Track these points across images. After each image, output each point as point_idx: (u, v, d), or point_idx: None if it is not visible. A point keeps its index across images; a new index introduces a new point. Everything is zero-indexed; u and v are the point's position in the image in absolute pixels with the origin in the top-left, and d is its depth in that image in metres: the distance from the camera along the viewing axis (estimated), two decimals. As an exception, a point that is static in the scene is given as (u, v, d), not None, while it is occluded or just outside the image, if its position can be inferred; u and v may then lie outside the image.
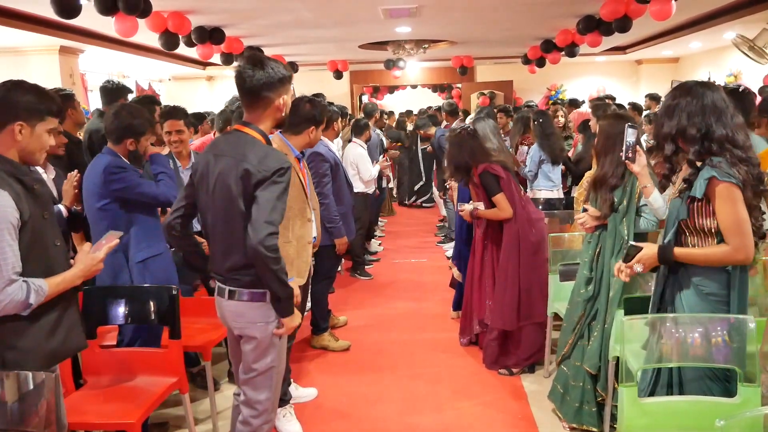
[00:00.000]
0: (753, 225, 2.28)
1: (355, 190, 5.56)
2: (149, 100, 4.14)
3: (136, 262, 3.15)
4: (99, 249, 2.30)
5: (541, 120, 5.69)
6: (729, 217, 2.25)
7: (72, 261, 2.26)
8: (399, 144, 10.48)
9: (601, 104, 5.77)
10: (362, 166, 6.06)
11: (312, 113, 3.37)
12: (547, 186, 5.67)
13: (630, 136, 2.70)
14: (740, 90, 3.80)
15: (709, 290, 2.38)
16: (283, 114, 2.46)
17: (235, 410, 2.68)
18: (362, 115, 7.47)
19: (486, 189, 3.98)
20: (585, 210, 3.27)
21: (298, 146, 3.37)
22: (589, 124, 5.41)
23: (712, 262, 2.33)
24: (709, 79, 9.32)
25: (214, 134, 5.42)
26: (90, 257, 2.25)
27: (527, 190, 5.58)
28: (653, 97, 9.20)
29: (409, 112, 14.51)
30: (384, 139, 8.80)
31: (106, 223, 3.03)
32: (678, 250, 2.37)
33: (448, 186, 4.90)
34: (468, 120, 6.55)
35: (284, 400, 3.42)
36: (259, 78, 2.32)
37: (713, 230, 2.33)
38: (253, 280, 2.37)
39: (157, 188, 3.17)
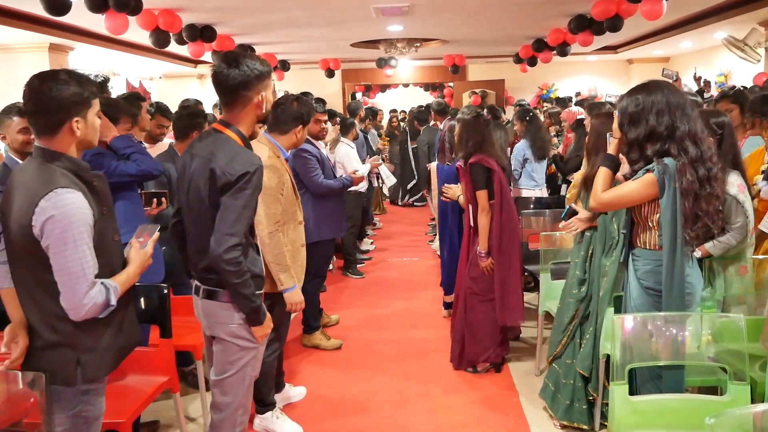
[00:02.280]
0: (687, 234, 2.41)
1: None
2: (135, 96, 4.17)
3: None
4: (146, 243, 2.27)
5: (529, 116, 5.72)
6: (623, 187, 2.51)
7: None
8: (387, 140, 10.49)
9: (596, 103, 5.80)
10: (349, 165, 6.05)
11: (299, 112, 3.32)
12: (530, 185, 5.69)
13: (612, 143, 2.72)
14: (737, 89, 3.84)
15: (647, 284, 2.54)
16: (264, 110, 2.40)
17: None
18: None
19: (473, 181, 3.94)
20: (570, 209, 3.27)
21: (285, 146, 3.33)
22: (584, 123, 5.42)
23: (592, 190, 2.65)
24: (695, 75, 9.37)
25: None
26: (142, 252, 2.22)
27: (510, 188, 5.59)
28: None
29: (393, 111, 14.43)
30: (375, 137, 8.78)
31: None
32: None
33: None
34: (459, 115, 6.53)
35: (271, 403, 3.40)
36: (235, 77, 2.26)
37: (656, 223, 2.48)
38: (218, 281, 2.35)
39: (136, 165, 3.20)
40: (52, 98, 1.96)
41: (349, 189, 4.79)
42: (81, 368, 2.05)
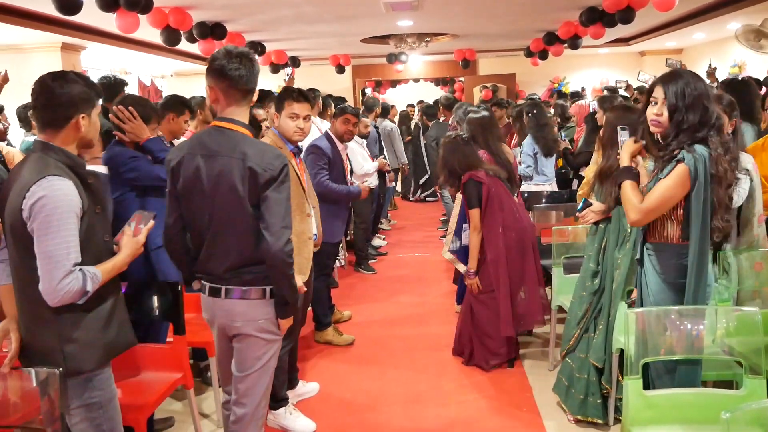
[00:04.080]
0: (718, 223, 2.36)
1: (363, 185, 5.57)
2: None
3: (153, 249, 3.13)
4: (138, 233, 2.32)
5: (534, 111, 5.67)
6: (660, 188, 2.38)
7: (116, 248, 2.26)
8: (409, 138, 10.48)
9: (608, 97, 5.75)
10: (354, 161, 6.05)
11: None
12: (540, 180, 5.64)
13: (623, 137, 2.69)
14: (740, 79, 3.79)
15: (670, 279, 2.48)
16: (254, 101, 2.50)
17: (227, 420, 2.65)
18: (363, 110, 7.47)
19: (467, 199, 3.97)
20: (586, 202, 3.25)
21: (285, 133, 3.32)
22: (596, 116, 5.38)
23: (625, 206, 2.52)
24: (710, 67, 9.28)
25: None
26: (133, 241, 2.28)
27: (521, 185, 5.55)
28: (642, 91, 9.13)
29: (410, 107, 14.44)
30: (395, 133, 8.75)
31: (120, 212, 3.02)
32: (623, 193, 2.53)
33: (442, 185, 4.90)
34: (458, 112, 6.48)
35: (284, 399, 3.41)
36: (244, 74, 2.31)
37: (679, 216, 2.42)
38: (254, 278, 2.36)
39: None
40: (62, 94, 2.07)
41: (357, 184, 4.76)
42: (64, 358, 2.08)
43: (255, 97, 2.48)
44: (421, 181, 10.80)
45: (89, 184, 2.13)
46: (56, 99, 2.07)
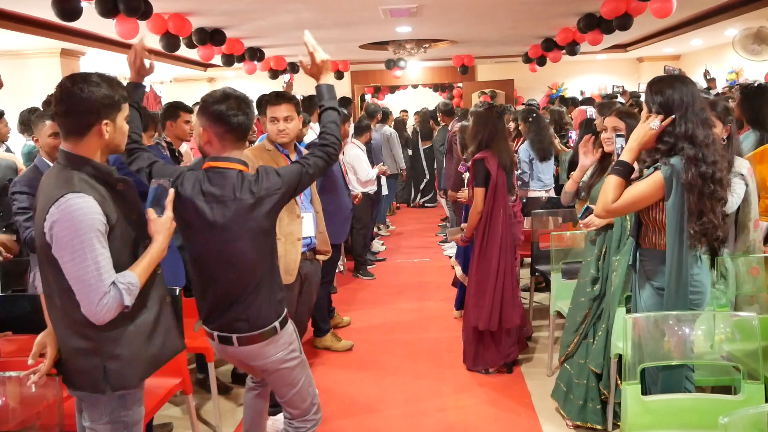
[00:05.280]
0: (696, 226, 2.36)
1: (353, 192, 5.58)
2: (176, 106, 4.25)
3: None
4: (166, 208, 2.13)
5: (533, 117, 5.68)
6: (632, 191, 2.44)
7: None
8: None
9: (607, 103, 5.75)
10: (359, 167, 6.06)
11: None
12: (536, 186, 5.64)
13: (618, 143, 2.69)
14: (756, 86, 3.81)
15: (657, 284, 2.50)
16: None
17: (249, 407, 2.75)
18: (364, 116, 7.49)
19: (473, 177, 3.97)
20: (588, 209, 3.26)
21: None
22: (593, 123, 5.38)
23: (599, 196, 2.53)
24: (706, 73, 9.29)
25: None
26: (161, 222, 2.10)
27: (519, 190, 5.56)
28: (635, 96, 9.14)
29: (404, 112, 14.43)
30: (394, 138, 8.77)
31: None
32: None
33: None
34: (472, 109, 6.52)
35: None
36: (252, 119, 2.32)
37: (664, 224, 2.43)
38: (264, 318, 2.35)
39: None
40: (83, 99, 1.93)
41: (354, 192, 4.75)
42: (107, 376, 1.99)
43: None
44: (420, 186, 10.81)
45: (119, 192, 2.04)
46: (76, 106, 1.94)
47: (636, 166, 2.54)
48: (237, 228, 2.23)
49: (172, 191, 2.16)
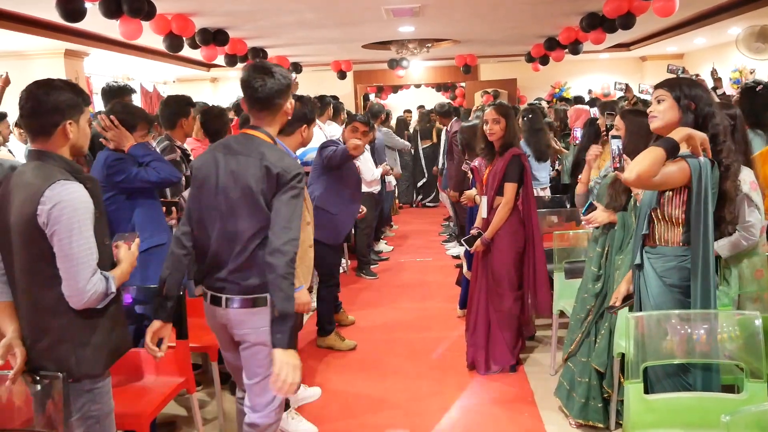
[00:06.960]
0: (727, 216, 2.42)
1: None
2: (185, 101, 4.17)
3: (139, 252, 3.14)
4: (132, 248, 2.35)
5: (530, 116, 5.66)
6: (667, 167, 2.33)
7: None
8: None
9: (609, 103, 5.74)
10: (364, 167, 6.06)
11: (302, 111, 3.28)
12: (534, 184, 5.62)
13: (615, 145, 2.69)
14: (756, 86, 3.79)
15: (671, 282, 2.49)
16: (289, 116, 2.52)
17: (240, 414, 2.67)
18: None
19: (507, 172, 3.88)
20: (591, 206, 3.25)
21: (293, 147, 3.28)
22: (597, 122, 5.36)
23: (636, 159, 2.35)
24: (713, 72, 9.27)
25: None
26: (130, 253, 2.30)
27: None
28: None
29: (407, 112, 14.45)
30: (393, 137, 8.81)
31: (111, 214, 3.04)
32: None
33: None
34: (473, 115, 6.52)
35: (286, 403, 3.41)
36: (271, 86, 2.35)
37: (680, 220, 2.43)
38: (255, 285, 2.36)
39: (156, 172, 3.29)
40: (48, 101, 2.08)
41: (363, 190, 4.77)
42: (76, 362, 2.10)
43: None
44: (419, 184, 10.83)
45: (89, 188, 2.14)
46: (42, 107, 2.08)
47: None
48: (241, 183, 2.32)
49: (137, 240, 2.37)
